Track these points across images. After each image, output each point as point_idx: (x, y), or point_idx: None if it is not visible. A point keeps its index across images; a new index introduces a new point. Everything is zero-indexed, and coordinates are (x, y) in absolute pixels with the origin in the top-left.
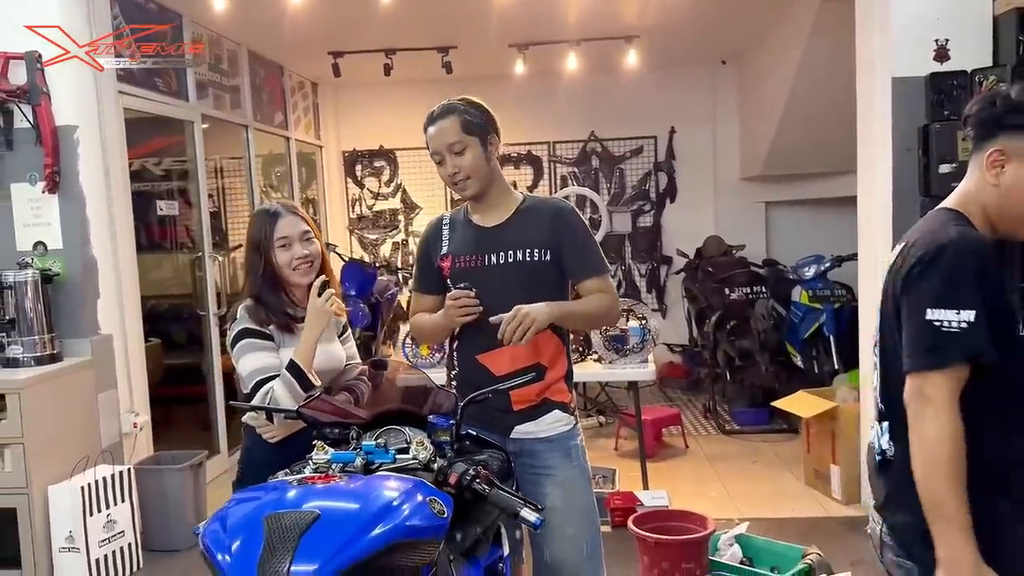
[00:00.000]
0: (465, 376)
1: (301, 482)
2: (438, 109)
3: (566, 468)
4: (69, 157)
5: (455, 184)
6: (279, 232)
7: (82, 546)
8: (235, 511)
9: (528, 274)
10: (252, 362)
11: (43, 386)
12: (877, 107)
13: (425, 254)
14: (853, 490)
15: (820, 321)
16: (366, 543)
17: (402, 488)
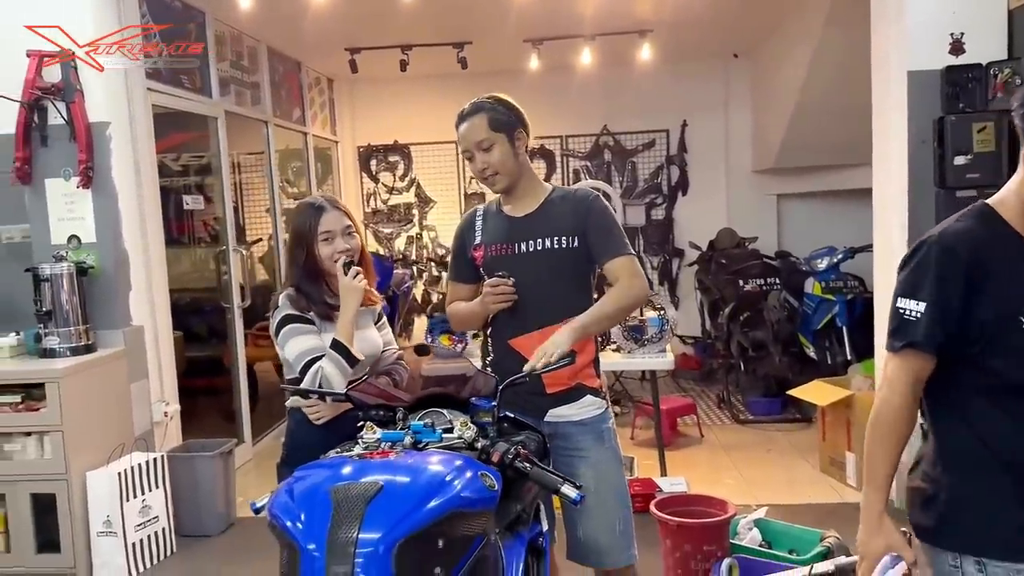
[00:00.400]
0: (498, 361)
1: (360, 458)
2: (468, 108)
3: (598, 450)
4: (102, 153)
5: (485, 179)
6: (323, 226)
7: (119, 530)
8: (301, 484)
9: (556, 260)
10: (298, 345)
11: (80, 376)
12: (892, 100)
13: (460, 245)
14: None
15: (833, 312)
16: (426, 512)
17: (455, 463)
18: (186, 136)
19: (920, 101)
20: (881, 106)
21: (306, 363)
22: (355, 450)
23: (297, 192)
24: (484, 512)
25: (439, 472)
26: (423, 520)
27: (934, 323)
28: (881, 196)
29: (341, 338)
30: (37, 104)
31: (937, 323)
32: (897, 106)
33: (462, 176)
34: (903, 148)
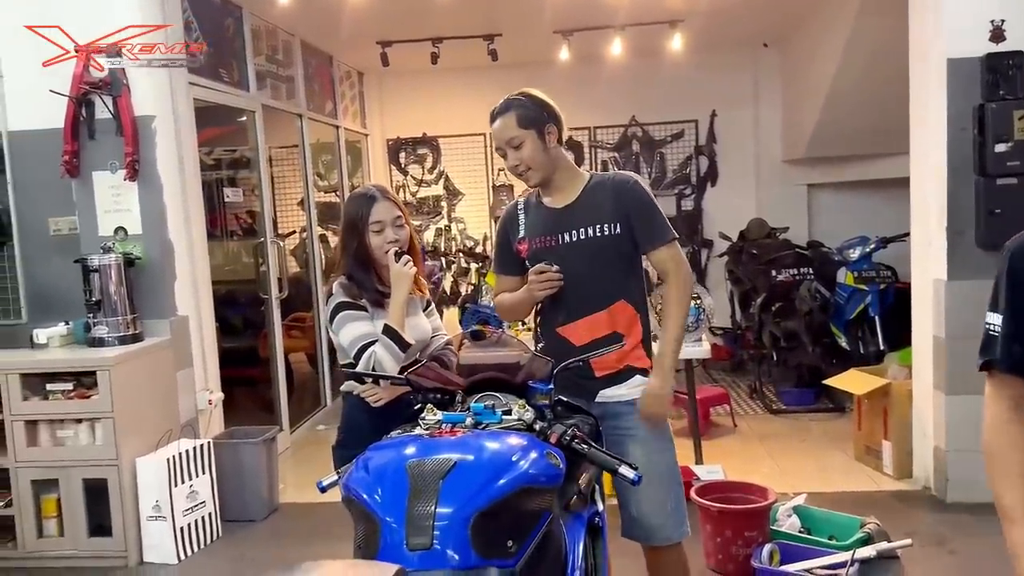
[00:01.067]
0: (547, 347)
1: (427, 436)
2: (498, 106)
3: (647, 430)
4: (147, 146)
5: (519, 175)
6: (374, 216)
7: (168, 515)
8: (377, 460)
9: (600, 248)
10: (352, 331)
11: (129, 364)
12: (931, 88)
13: (504, 238)
14: (905, 465)
15: (866, 302)
16: (498, 487)
17: (521, 442)
18: (217, 131)
19: (959, 89)
20: (919, 94)
21: (360, 348)
22: (417, 431)
23: (328, 185)
24: (551, 488)
25: (507, 450)
26: (495, 495)
27: (1011, 338)
28: (919, 185)
29: (392, 323)
30: (85, 99)
31: (1014, 337)
32: (936, 94)
33: (490, 168)
34: (942, 136)
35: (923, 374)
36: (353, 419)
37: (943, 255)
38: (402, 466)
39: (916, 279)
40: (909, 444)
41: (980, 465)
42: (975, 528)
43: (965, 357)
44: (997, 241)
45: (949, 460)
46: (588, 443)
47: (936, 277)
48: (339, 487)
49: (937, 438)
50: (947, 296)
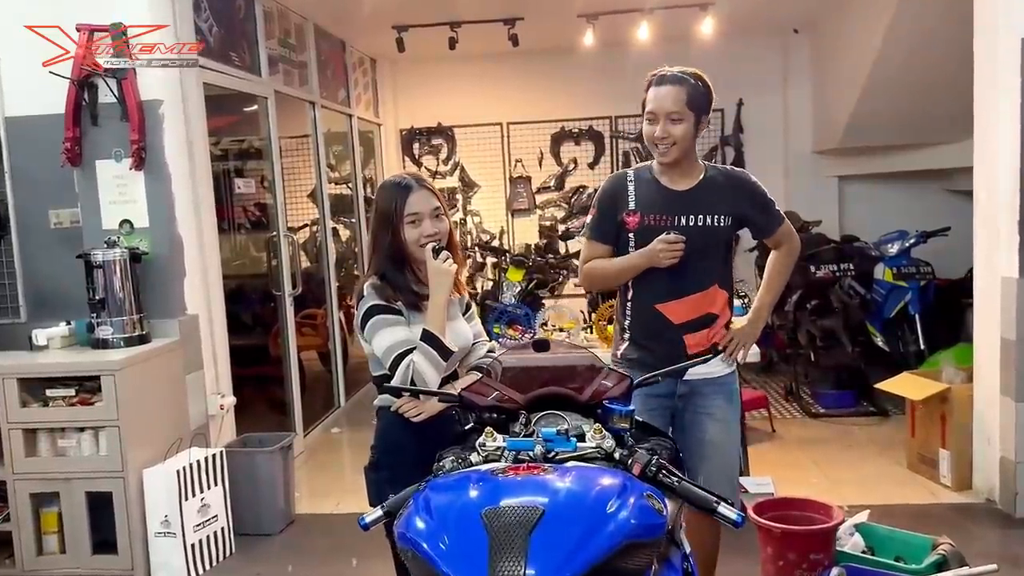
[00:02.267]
0: (641, 323)
1: (500, 473)
2: (670, 74)
3: (727, 409)
4: (154, 133)
5: (657, 147)
6: (410, 207)
7: (178, 531)
8: (441, 503)
9: (712, 236)
10: (387, 338)
11: (136, 368)
12: (1001, 71)
13: (610, 206)
14: (964, 476)
15: (905, 300)
16: (599, 544)
17: (615, 481)
18: (224, 120)
19: None
20: (986, 77)
21: (396, 357)
22: (473, 457)
23: (339, 176)
24: (656, 541)
25: (603, 493)
26: (597, 554)
27: None
28: (987, 175)
29: (432, 328)
30: (87, 82)
31: None
32: (1007, 77)
33: (507, 160)
34: (1014, 123)
35: (987, 378)
36: (390, 438)
37: (1015, 251)
38: (476, 514)
39: (980, 276)
40: (970, 454)
41: None
42: None
43: None
44: None
45: (1019, 472)
46: (676, 474)
47: (1005, 275)
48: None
49: (1005, 448)
50: (1019, 295)
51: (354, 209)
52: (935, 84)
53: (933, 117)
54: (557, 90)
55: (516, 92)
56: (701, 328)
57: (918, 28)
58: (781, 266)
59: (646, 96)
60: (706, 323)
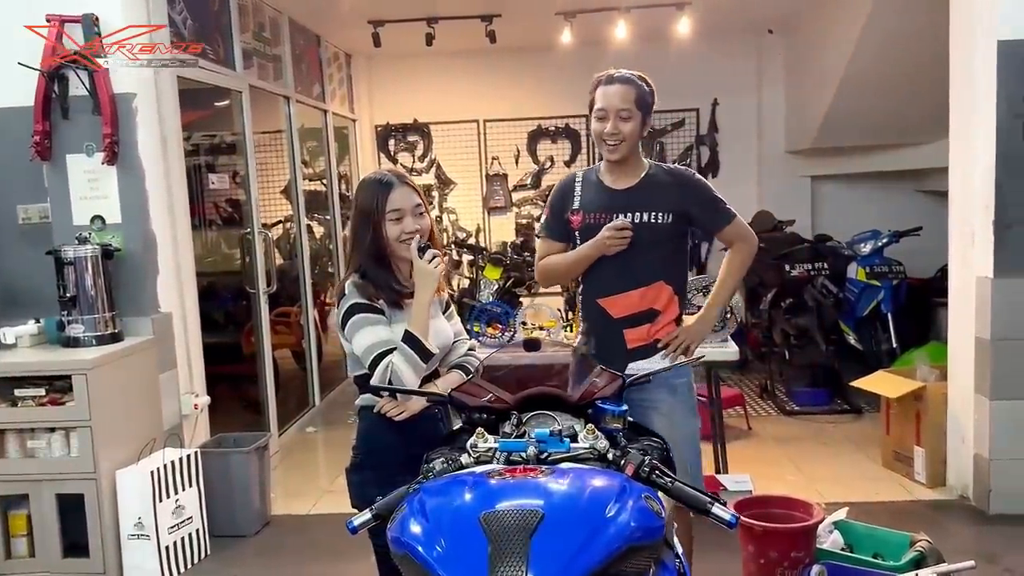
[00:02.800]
0: (588, 316)
1: (496, 476)
2: (619, 73)
3: (670, 402)
4: (127, 127)
5: (606, 143)
6: (392, 204)
7: (152, 533)
8: (437, 507)
9: (652, 233)
10: (367, 337)
11: (108, 367)
12: (978, 72)
13: (559, 205)
14: (938, 473)
15: (878, 298)
16: (600, 548)
17: (612, 483)
18: (194, 115)
19: (1010, 73)
20: (963, 79)
21: (375, 357)
22: (463, 458)
23: (312, 173)
24: (655, 544)
25: (603, 497)
26: (599, 559)
27: None
28: (962, 175)
29: (414, 329)
30: (57, 73)
31: None
32: (983, 79)
33: (484, 157)
34: (990, 123)
35: (961, 377)
36: (372, 437)
37: (990, 251)
38: (474, 517)
39: (955, 276)
40: (944, 451)
41: None
42: None
43: (1013, 359)
44: None
45: (993, 469)
46: (668, 475)
47: (980, 274)
48: (389, 533)
49: (979, 445)
50: (994, 295)
51: (328, 206)
52: (907, 86)
53: (905, 118)
54: (534, 88)
55: (493, 89)
56: (642, 323)
57: (892, 30)
58: (733, 266)
59: (593, 96)
60: (648, 319)
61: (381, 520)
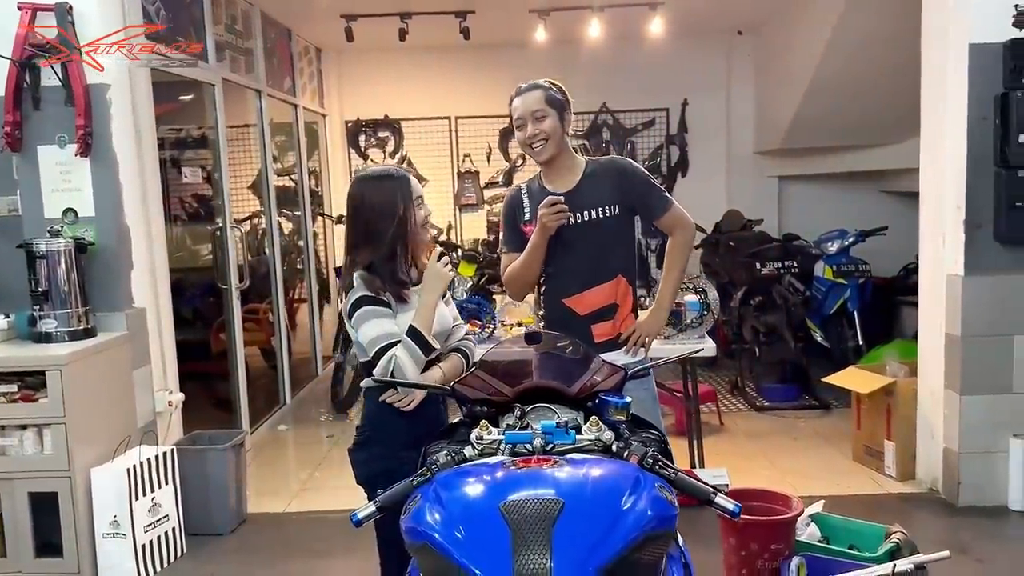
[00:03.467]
0: (552, 317)
1: (511, 465)
2: (525, 84)
3: (640, 394)
4: (101, 118)
5: (531, 147)
6: (415, 192)
7: (128, 531)
8: (456, 496)
9: (602, 228)
10: (373, 329)
11: (82, 363)
12: (950, 75)
13: (511, 218)
14: (908, 466)
15: (845, 297)
16: (622, 536)
17: (632, 475)
18: (164, 108)
19: (980, 76)
20: (934, 81)
21: (379, 349)
22: (467, 450)
23: (281, 168)
24: (670, 533)
25: (620, 487)
26: (619, 547)
27: None
28: (933, 175)
29: (419, 325)
30: (29, 63)
31: None
32: (955, 81)
33: (455, 154)
34: (961, 125)
35: (931, 373)
36: (378, 419)
37: (960, 250)
38: (494, 506)
39: (925, 274)
40: (914, 445)
41: (996, 468)
42: (995, 533)
43: (983, 356)
44: (1017, 235)
45: (962, 463)
46: (671, 466)
47: (951, 272)
48: (403, 524)
49: (948, 439)
50: (964, 292)
51: (298, 202)
52: (874, 89)
53: (871, 121)
54: (507, 85)
55: (465, 86)
56: (605, 318)
57: (860, 34)
58: (675, 253)
59: (511, 111)
60: (610, 313)
61: (384, 513)
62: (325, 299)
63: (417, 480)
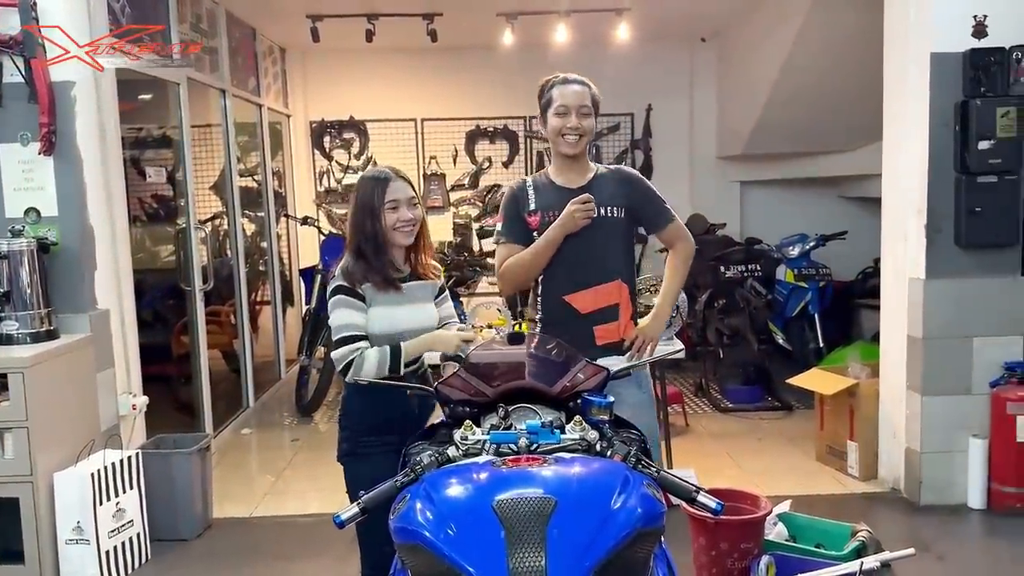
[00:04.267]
0: (551, 315)
1: (500, 464)
2: (570, 76)
3: (635, 394)
4: (65, 116)
5: (566, 138)
6: (390, 195)
7: (92, 537)
8: (447, 496)
9: (607, 227)
10: (342, 318)
11: (45, 365)
12: (911, 83)
13: (514, 209)
14: (871, 466)
15: (806, 300)
16: (614, 533)
17: (621, 473)
18: (128, 107)
19: (941, 84)
20: (896, 89)
21: (342, 337)
22: (450, 451)
23: (244, 168)
24: (659, 529)
25: (611, 485)
26: (612, 544)
27: None
28: (895, 181)
29: (406, 350)
30: None
31: None
32: (916, 89)
33: (421, 156)
34: (923, 132)
35: (892, 374)
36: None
37: (921, 253)
38: (487, 503)
39: (887, 277)
40: (876, 445)
41: (956, 467)
42: (956, 531)
43: (943, 357)
44: (976, 240)
45: (924, 462)
46: (653, 465)
47: (912, 276)
48: (392, 524)
49: (910, 439)
50: (925, 295)
51: (261, 203)
52: (834, 97)
53: (830, 128)
54: (474, 88)
55: (432, 88)
56: (608, 320)
57: (821, 43)
58: (676, 265)
59: (549, 95)
60: (612, 315)
61: (367, 514)
62: (289, 301)
63: (402, 481)
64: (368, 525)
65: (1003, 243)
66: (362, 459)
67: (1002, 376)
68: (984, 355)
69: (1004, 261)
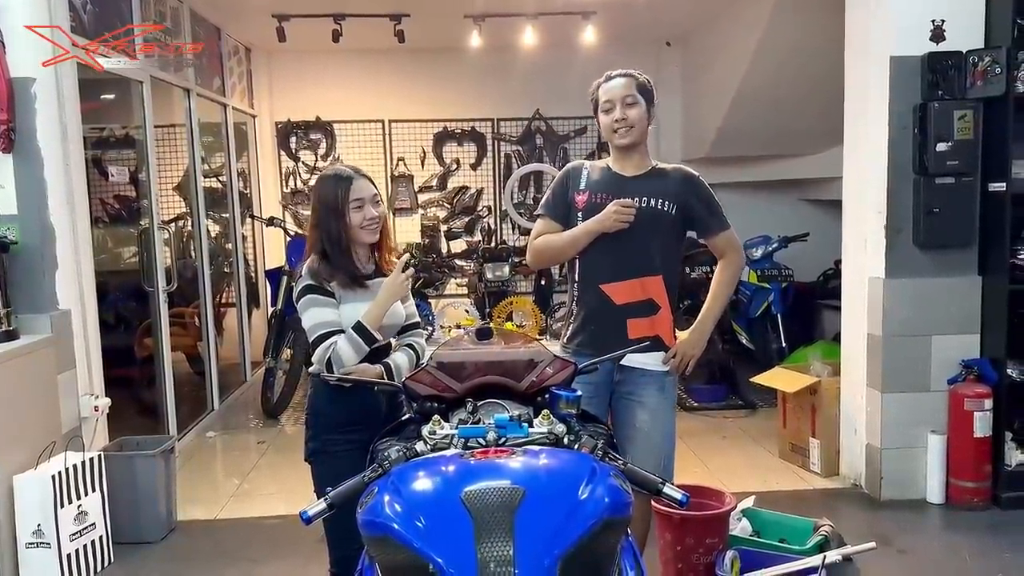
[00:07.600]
0: (588, 303)
1: (469, 456)
2: (615, 72)
3: (657, 399)
4: (26, 113)
5: (616, 131)
6: (354, 194)
7: (53, 541)
8: (416, 488)
9: (657, 220)
10: (314, 316)
11: (4, 366)
12: (871, 86)
13: (563, 186)
14: (832, 463)
15: (769, 300)
16: (582, 522)
17: (587, 464)
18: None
19: (900, 87)
20: (857, 92)
21: (319, 336)
22: (418, 446)
23: (208, 169)
24: (626, 519)
25: (578, 475)
26: (581, 531)
27: None
28: (856, 182)
29: (366, 321)
30: None
31: None
32: (876, 93)
33: (389, 157)
34: (882, 134)
35: (853, 372)
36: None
37: (881, 253)
38: (455, 495)
39: (848, 277)
40: (837, 442)
41: (915, 462)
42: (916, 525)
43: (903, 355)
44: (935, 240)
45: (884, 458)
46: (619, 458)
47: (872, 275)
48: (360, 518)
49: (871, 436)
50: (885, 294)
51: (226, 204)
52: (796, 101)
53: (793, 131)
54: (441, 89)
55: (400, 89)
56: (644, 315)
57: (784, 48)
58: (724, 278)
59: (596, 96)
60: (649, 311)
61: (334, 510)
62: (255, 303)
63: (369, 476)
64: (335, 522)
65: (960, 243)
66: (329, 457)
67: (960, 373)
68: (942, 353)
69: (962, 261)
